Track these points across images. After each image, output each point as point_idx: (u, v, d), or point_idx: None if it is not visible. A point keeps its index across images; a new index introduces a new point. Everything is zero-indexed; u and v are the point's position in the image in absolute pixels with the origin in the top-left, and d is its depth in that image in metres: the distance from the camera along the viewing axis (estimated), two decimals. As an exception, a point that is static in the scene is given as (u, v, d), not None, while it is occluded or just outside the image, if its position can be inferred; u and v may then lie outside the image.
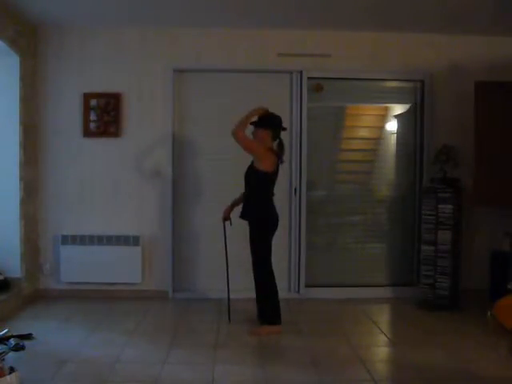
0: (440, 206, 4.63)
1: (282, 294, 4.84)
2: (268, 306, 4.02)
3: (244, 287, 4.47)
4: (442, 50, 5.02)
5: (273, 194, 4.03)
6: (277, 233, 4.13)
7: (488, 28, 4.77)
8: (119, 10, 4.50)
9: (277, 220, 4.04)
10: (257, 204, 3.99)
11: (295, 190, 5.01)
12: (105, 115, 4.89)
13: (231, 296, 4.42)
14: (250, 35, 4.93)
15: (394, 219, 5.25)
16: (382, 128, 5.27)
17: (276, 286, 4.03)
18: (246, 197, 4.08)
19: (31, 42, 4.77)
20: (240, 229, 4.16)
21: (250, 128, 4.05)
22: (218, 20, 4.72)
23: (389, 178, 5.23)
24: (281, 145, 4.07)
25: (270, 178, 3.99)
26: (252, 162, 4.03)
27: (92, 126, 4.90)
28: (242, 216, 4.05)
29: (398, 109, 5.22)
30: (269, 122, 3.99)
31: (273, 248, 4.07)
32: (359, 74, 5.05)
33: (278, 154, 4.03)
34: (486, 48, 4.99)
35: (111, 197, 4.94)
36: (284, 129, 4.09)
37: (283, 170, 4.85)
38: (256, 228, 4.00)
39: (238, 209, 4.17)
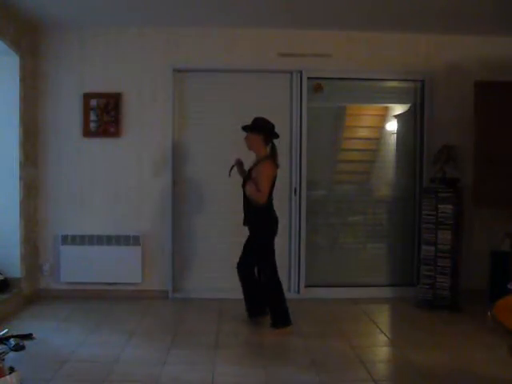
0: (440, 205, 4.63)
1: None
2: (278, 309, 4.02)
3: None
4: (442, 50, 5.02)
5: (272, 198, 4.04)
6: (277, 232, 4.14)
7: (488, 28, 4.77)
8: (119, 10, 4.49)
9: (277, 224, 4.07)
10: (258, 211, 3.98)
11: (295, 189, 5.01)
12: (105, 115, 4.89)
13: (231, 296, 4.43)
14: (250, 35, 4.93)
15: (393, 219, 5.25)
16: (382, 128, 5.27)
17: (282, 288, 4.06)
18: (246, 204, 4.07)
19: (31, 41, 4.77)
20: (240, 230, 4.15)
21: (243, 134, 4.08)
22: (218, 20, 4.72)
23: (389, 177, 5.23)
24: (273, 149, 4.07)
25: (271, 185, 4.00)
26: (250, 170, 4.03)
27: (92, 125, 4.90)
28: (245, 223, 4.06)
29: (398, 109, 5.22)
30: (260, 128, 4.00)
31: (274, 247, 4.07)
32: (359, 74, 5.05)
33: (274, 158, 4.04)
34: (485, 48, 4.99)
35: (111, 197, 4.94)
36: (276, 135, 4.09)
37: (283, 170, 4.86)
38: (259, 234, 4.02)
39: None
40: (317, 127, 5.09)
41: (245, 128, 4.05)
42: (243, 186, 4.05)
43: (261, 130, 4.00)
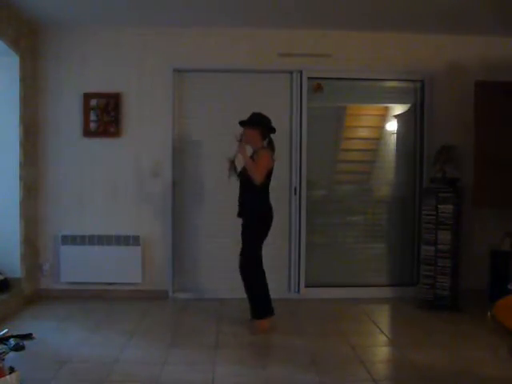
0: (440, 206, 4.63)
1: (282, 294, 4.87)
2: (259, 300, 4.02)
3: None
4: (442, 49, 5.02)
5: (268, 192, 4.05)
6: (277, 232, 4.14)
7: (488, 28, 4.77)
8: (119, 10, 4.50)
9: (271, 218, 4.06)
10: (254, 202, 3.99)
11: (295, 189, 5.01)
12: (105, 115, 4.89)
13: (230, 296, 4.44)
14: (250, 35, 4.93)
15: (393, 219, 5.25)
16: (381, 128, 5.27)
17: (265, 279, 4.04)
18: (242, 195, 4.08)
19: (31, 42, 4.76)
20: (240, 230, 4.15)
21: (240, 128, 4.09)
22: (218, 20, 4.72)
23: (389, 177, 5.23)
24: (271, 143, 4.11)
25: (266, 177, 4.00)
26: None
27: (92, 125, 4.90)
28: (240, 214, 4.06)
29: (398, 109, 5.22)
30: (257, 122, 4.04)
31: (273, 248, 4.07)
32: (359, 74, 5.05)
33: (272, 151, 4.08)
34: (485, 48, 4.99)
35: (111, 197, 4.94)
36: (273, 130, 4.11)
37: (283, 170, 4.87)
38: (251, 225, 4.01)
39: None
40: (317, 127, 5.08)
41: (242, 123, 4.07)
42: (240, 175, 4.06)
43: (258, 124, 4.04)
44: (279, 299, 4.56)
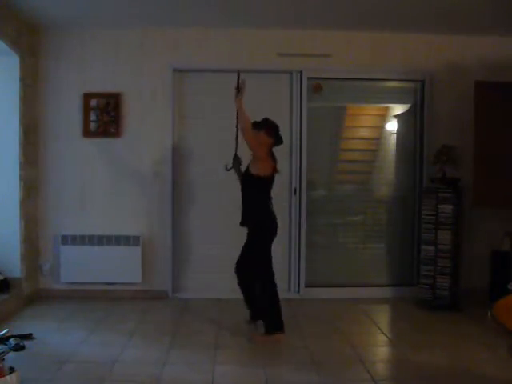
0: (440, 206, 4.63)
1: (282, 294, 4.84)
2: (269, 314, 3.91)
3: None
4: (442, 50, 5.02)
5: (270, 198, 4.02)
6: (277, 232, 4.14)
7: (488, 28, 4.77)
8: (119, 10, 4.49)
9: (276, 225, 4.01)
10: (256, 210, 3.96)
11: (295, 189, 5.01)
12: (105, 115, 4.89)
13: (230, 296, 4.44)
14: (250, 35, 4.93)
15: (393, 219, 5.25)
16: (381, 128, 5.27)
17: (277, 293, 3.95)
18: (244, 203, 4.05)
19: (31, 42, 4.77)
20: (240, 230, 4.15)
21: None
22: (217, 20, 4.72)
23: (389, 177, 5.23)
24: (273, 156, 4.04)
25: (267, 183, 3.95)
26: (248, 168, 4.01)
27: (92, 126, 4.90)
28: (243, 223, 4.04)
29: (398, 109, 5.22)
30: (275, 131, 3.95)
31: (273, 248, 4.05)
32: (359, 74, 5.05)
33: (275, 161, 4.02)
34: (486, 48, 4.99)
35: (111, 197, 4.94)
36: (281, 140, 4.04)
37: (283, 170, 4.85)
38: (257, 234, 3.99)
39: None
40: (317, 127, 5.09)
41: (255, 126, 3.87)
42: (241, 182, 4.05)
43: (276, 135, 3.94)
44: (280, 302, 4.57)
